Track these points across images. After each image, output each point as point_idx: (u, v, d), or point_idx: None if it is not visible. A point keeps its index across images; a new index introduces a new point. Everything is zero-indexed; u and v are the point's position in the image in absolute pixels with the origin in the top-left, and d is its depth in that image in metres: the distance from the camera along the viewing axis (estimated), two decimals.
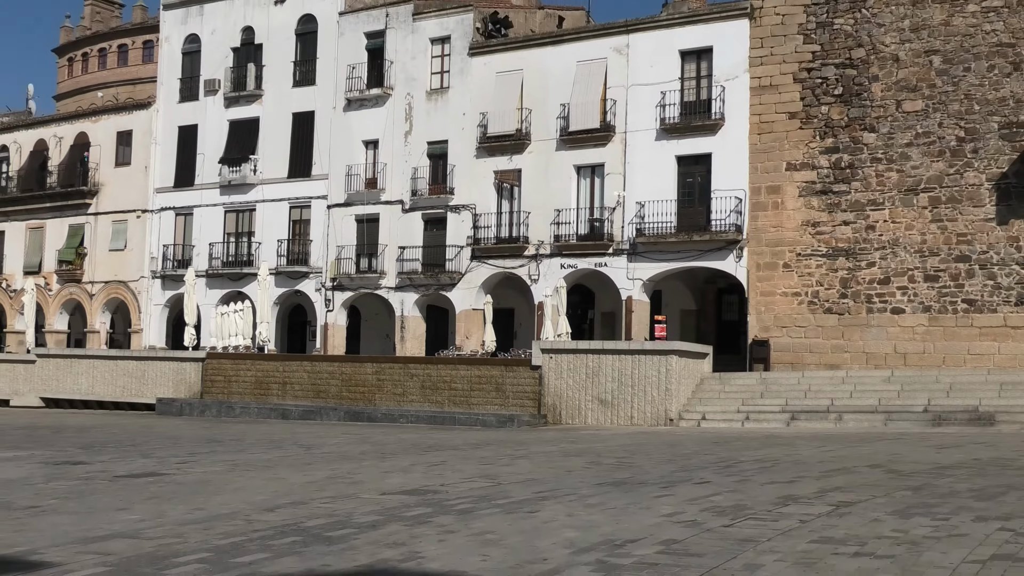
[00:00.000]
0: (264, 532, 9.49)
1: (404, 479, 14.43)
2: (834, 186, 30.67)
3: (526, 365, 28.51)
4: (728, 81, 32.56)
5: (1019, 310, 28.28)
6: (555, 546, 8.62)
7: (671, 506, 11.19)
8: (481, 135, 36.79)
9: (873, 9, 30.64)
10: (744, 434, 23.49)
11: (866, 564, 7.66)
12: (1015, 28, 29.04)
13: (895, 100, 30.18)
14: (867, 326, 29.81)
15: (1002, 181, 28.82)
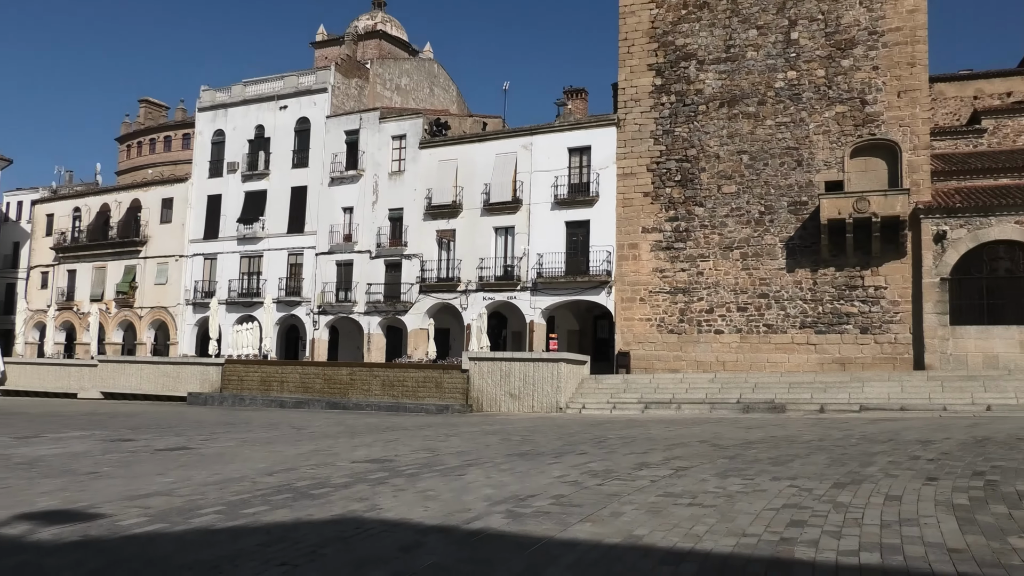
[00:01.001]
0: (264, 491, 9.35)
1: (368, 451, 14.15)
2: (675, 244, 30.89)
3: (458, 369, 28.14)
4: (602, 169, 32.74)
5: (801, 332, 28.70)
6: (477, 500, 8.68)
7: (560, 470, 11.14)
8: (427, 204, 36.48)
9: (702, 121, 31.06)
10: (612, 419, 23.35)
11: (696, 512, 7.91)
12: (798, 137, 29.67)
13: (717, 185, 30.55)
14: (697, 342, 29.97)
15: (790, 242, 29.32)
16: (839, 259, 28.40)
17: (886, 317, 27.73)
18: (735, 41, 30.89)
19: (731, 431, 17.56)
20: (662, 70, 31.89)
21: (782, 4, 30.38)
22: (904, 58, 28.68)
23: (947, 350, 26.47)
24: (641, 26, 32.39)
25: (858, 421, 19.92)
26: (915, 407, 22.35)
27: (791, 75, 30.00)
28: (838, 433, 16.50)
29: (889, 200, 27.06)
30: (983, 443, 13.70)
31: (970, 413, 21.18)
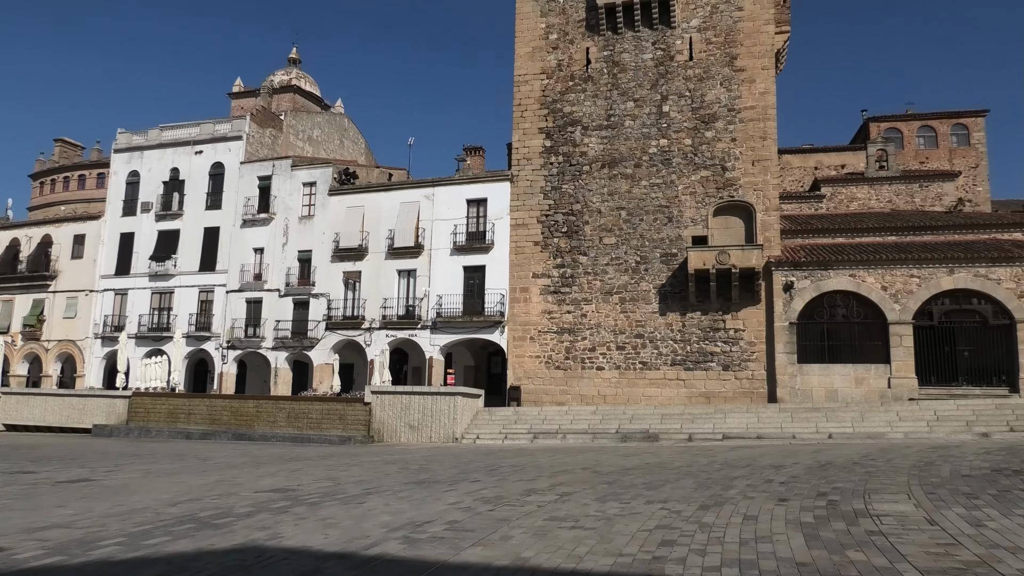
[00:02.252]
0: (167, 521, 8.89)
1: (272, 481, 13.51)
2: (562, 288, 31.30)
3: (360, 402, 27.43)
4: (497, 220, 32.97)
5: (672, 368, 29.44)
6: (375, 527, 8.49)
7: (454, 497, 10.88)
8: (335, 247, 35.71)
9: (586, 180, 31.82)
10: (504, 448, 23.20)
11: (579, 534, 7.97)
12: (669, 197, 30.76)
13: (599, 236, 31.25)
14: (581, 378, 30.30)
15: (662, 288, 30.18)
16: (704, 304, 29.43)
17: (744, 356, 28.82)
18: (615, 111, 31.97)
19: (611, 459, 17.73)
20: (551, 133, 32.62)
21: (655, 81, 31.71)
22: (757, 132, 30.35)
23: (795, 385, 27.71)
24: (533, 94, 33.12)
25: (721, 448, 20.48)
26: (769, 436, 23.19)
27: (663, 142, 31.22)
28: (704, 460, 16.89)
29: (746, 254, 28.34)
30: (826, 467, 14.30)
31: (815, 441, 22.14)
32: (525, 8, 33.76)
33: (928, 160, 44.90)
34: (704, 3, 31.70)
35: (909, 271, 27.60)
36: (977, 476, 12.19)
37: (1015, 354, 26.34)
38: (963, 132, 45.42)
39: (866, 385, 27.07)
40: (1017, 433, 21.76)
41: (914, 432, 22.51)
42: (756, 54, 30.82)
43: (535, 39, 33.43)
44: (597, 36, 32.63)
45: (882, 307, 27.52)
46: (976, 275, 27.12)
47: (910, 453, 16.65)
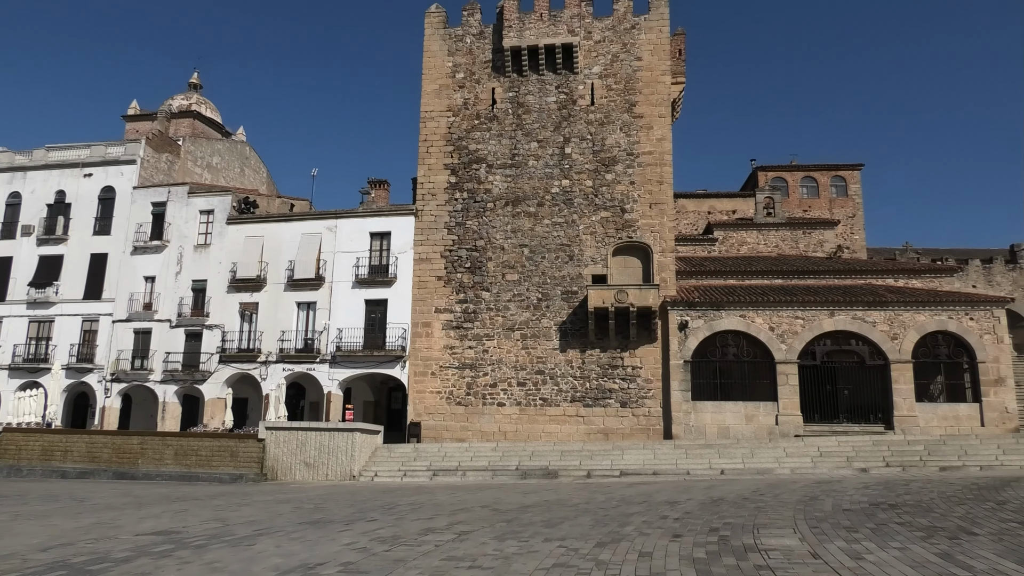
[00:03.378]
0: (36, 568, 8.13)
1: (155, 523, 12.57)
2: (464, 324, 31.06)
3: (254, 438, 26.19)
4: (401, 254, 32.56)
5: (572, 405, 29.57)
6: (265, 570, 8.10)
7: (350, 537, 10.43)
8: (232, 277, 34.35)
9: (490, 217, 31.91)
10: (403, 486, 22.57)
11: (476, 574, 7.91)
12: (570, 236, 31.21)
13: (502, 273, 31.28)
14: (482, 414, 29.99)
15: (563, 325, 30.40)
16: (603, 342, 29.80)
17: (641, 393, 29.26)
18: (519, 151, 32.35)
19: (510, 496, 17.46)
20: (456, 170, 32.64)
21: (558, 123, 32.34)
22: (655, 176, 31.32)
23: (690, 422, 28.29)
24: (439, 131, 33.14)
25: (619, 485, 20.55)
26: (665, 472, 23.51)
27: (565, 183, 31.75)
28: (602, 496, 16.86)
29: (643, 293, 28.96)
30: (718, 503, 14.49)
31: (708, 476, 22.58)
32: (433, 46, 33.91)
33: (811, 209, 47.60)
34: (605, 52, 32.70)
35: (794, 313, 28.86)
36: (857, 510, 12.59)
37: (889, 393, 27.84)
38: (841, 184, 48.50)
39: (756, 422, 27.93)
40: (892, 468, 22.87)
41: (800, 467, 23.31)
42: (654, 102, 31.94)
43: (442, 77, 33.57)
44: (503, 77, 33.07)
45: (770, 347, 28.60)
46: (854, 318, 28.63)
47: (796, 488, 17.14)
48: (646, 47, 32.54)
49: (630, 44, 32.66)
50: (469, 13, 34.09)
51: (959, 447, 24.22)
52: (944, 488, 16.19)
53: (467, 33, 33.91)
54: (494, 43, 33.43)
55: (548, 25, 32.58)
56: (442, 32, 34.05)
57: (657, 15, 32.73)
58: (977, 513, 11.93)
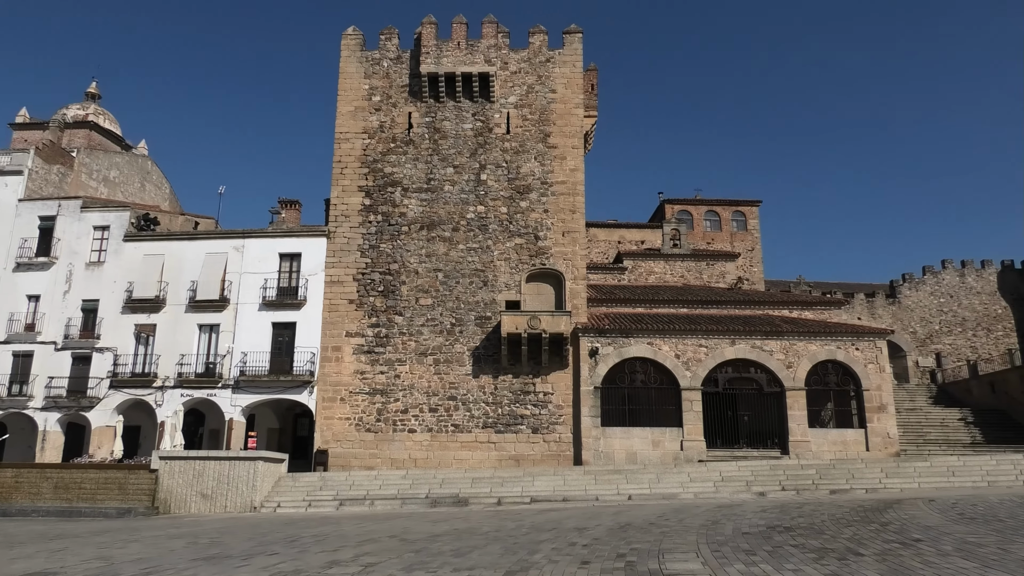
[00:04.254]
0: None
1: (27, 564, 11.88)
2: (375, 348, 30.84)
3: (146, 469, 25.12)
4: (311, 276, 32.08)
5: (484, 431, 29.74)
6: None
7: (248, 573, 10.23)
8: (128, 297, 32.90)
9: (404, 240, 31.94)
10: (307, 517, 22.11)
11: None
12: (485, 261, 31.58)
13: (415, 297, 31.29)
14: (392, 441, 29.76)
15: (476, 351, 30.62)
16: (516, 367, 30.19)
17: (553, 419, 29.74)
18: (435, 175, 32.60)
19: (419, 525, 17.43)
20: (371, 192, 32.56)
21: (475, 150, 32.82)
22: (567, 205, 32.16)
23: (599, 448, 28.94)
24: (354, 152, 33.03)
25: (529, 512, 20.81)
26: (575, 498, 23.93)
27: (480, 209, 32.18)
28: (512, 524, 17.05)
29: (556, 319, 29.57)
30: (625, 528, 14.96)
31: (616, 502, 23.13)
32: (349, 68, 33.87)
33: (714, 241, 49.81)
34: (521, 82, 33.50)
35: (699, 341, 30.08)
36: (755, 533, 13.28)
37: (785, 419, 29.34)
38: (742, 218, 51.01)
39: (662, 447, 28.85)
40: (788, 492, 24.08)
41: (703, 492, 24.21)
42: (567, 133, 32.89)
43: (358, 99, 33.53)
44: (420, 102, 33.34)
45: (676, 374, 29.68)
46: (753, 346, 30.10)
47: (699, 512, 17.84)
48: (560, 80, 33.53)
49: (545, 76, 33.58)
50: (387, 37, 34.27)
51: (847, 471, 25.74)
52: (834, 511, 17.23)
53: (384, 57, 34.06)
54: (411, 68, 33.70)
55: (465, 53, 33.13)
56: (359, 54, 34.07)
57: (571, 50, 33.83)
58: (863, 534, 12.81)
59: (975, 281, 53.10)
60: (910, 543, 11.62)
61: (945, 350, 51.42)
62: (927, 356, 51.28)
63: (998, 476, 25.29)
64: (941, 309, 52.42)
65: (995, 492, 22.27)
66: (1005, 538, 11.90)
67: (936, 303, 52.55)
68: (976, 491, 22.90)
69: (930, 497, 20.65)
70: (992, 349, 51.03)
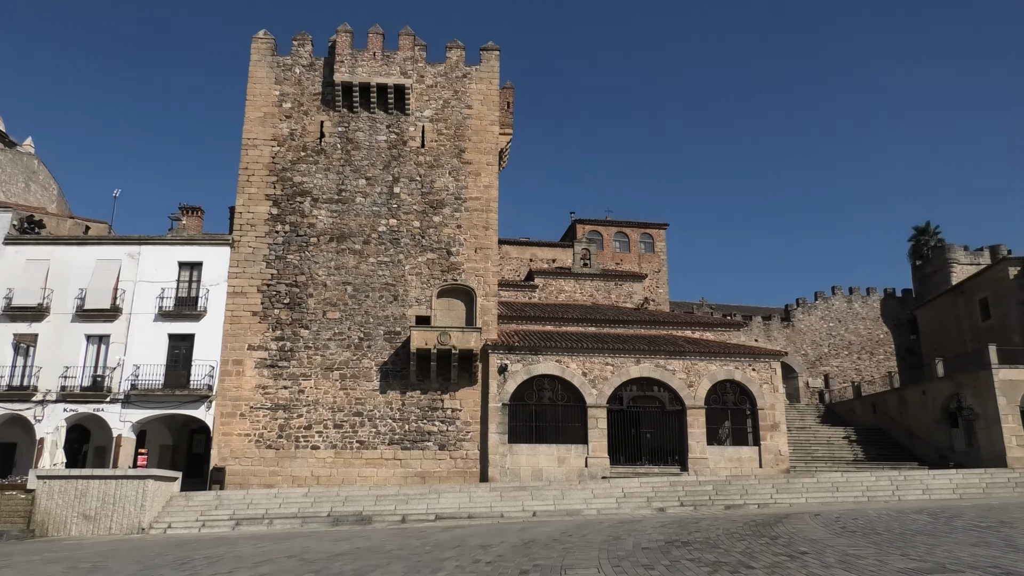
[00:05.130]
0: None
1: None
2: (279, 362, 30.20)
3: (21, 489, 23.61)
4: (213, 286, 31.15)
5: (390, 448, 29.53)
6: None
7: None
8: (6, 305, 30.96)
9: (312, 252, 31.48)
10: (200, 538, 21.38)
11: None
12: (395, 275, 31.50)
13: (323, 310, 30.86)
14: (294, 457, 29.14)
15: (384, 366, 30.44)
16: (424, 383, 30.16)
17: (460, 435, 29.83)
18: (347, 186, 32.34)
19: (320, 544, 17.19)
20: (279, 201, 31.98)
21: (388, 162, 32.77)
22: (481, 222, 32.50)
23: (506, 464, 29.21)
24: (262, 159, 32.38)
25: (434, 529, 20.82)
26: (480, 515, 24.08)
27: (392, 222, 32.10)
28: (416, 541, 17.06)
29: (466, 336, 29.76)
30: (529, 545, 15.24)
31: (521, 519, 23.42)
32: (259, 73, 33.25)
33: (623, 262, 51.25)
34: (437, 97, 33.73)
35: (605, 359, 30.89)
36: (654, 548, 13.81)
37: (685, 436, 30.45)
38: (649, 241, 52.75)
39: (567, 464, 29.39)
40: (686, 507, 24.99)
41: (606, 508, 24.83)
42: (482, 150, 33.30)
43: (268, 105, 32.94)
44: (332, 111, 33.05)
45: (582, 391, 30.36)
46: (657, 365, 31.15)
47: (602, 528, 18.33)
48: (477, 96, 33.95)
49: (461, 92, 33.93)
50: (300, 43, 33.86)
51: (741, 487, 26.95)
52: (728, 525, 18.06)
53: (297, 63, 33.61)
54: (325, 76, 33.39)
55: (381, 65, 33.10)
56: (270, 59, 33.50)
57: (488, 67, 34.33)
58: (755, 548, 13.53)
59: (861, 307, 56.65)
60: (797, 556, 12.36)
61: (833, 372, 54.54)
62: (817, 377, 54.26)
63: (876, 492, 27.06)
64: (830, 333, 55.62)
65: (873, 507, 23.83)
66: (882, 550, 12.82)
67: (826, 327, 55.73)
68: (857, 505, 24.42)
69: (816, 511, 21.89)
70: (874, 371, 54.49)
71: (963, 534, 14.89)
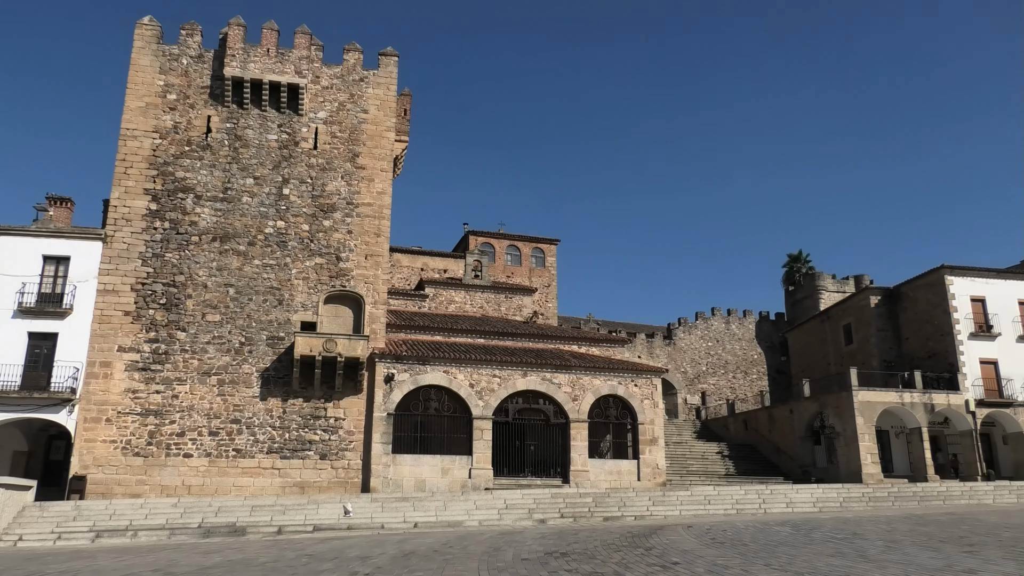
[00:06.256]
0: None
1: None
2: (152, 366, 28.70)
3: None
4: (81, 283, 29.25)
5: (268, 457, 28.58)
6: None
7: None
8: None
9: (193, 251, 30.19)
10: (55, 551, 20.01)
11: None
12: (281, 279, 30.61)
13: (202, 312, 29.61)
14: (165, 466, 27.71)
15: (265, 372, 29.47)
16: (308, 391, 29.40)
17: (343, 445, 29.23)
18: (233, 185, 31.21)
19: (189, 557, 16.45)
20: (159, 197, 30.48)
21: (278, 162, 31.88)
22: (372, 228, 32.10)
23: (389, 475, 28.83)
24: (142, 151, 30.80)
25: (311, 541, 20.30)
26: (360, 526, 23.67)
27: (280, 224, 31.22)
28: (292, 553, 16.60)
29: (353, 343, 29.24)
30: (409, 556, 15.12)
31: (402, 530, 23.20)
32: (143, 61, 31.67)
33: (514, 275, 51.82)
34: (332, 99, 33.15)
35: (492, 371, 31.10)
36: (533, 559, 14.00)
37: (568, 449, 31.03)
38: (540, 255, 53.64)
39: (451, 475, 29.33)
40: (566, 519, 25.45)
41: (487, 520, 24.93)
42: (377, 156, 32.95)
43: (151, 95, 31.40)
44: (221, 106, 31.88)
45: (469, 403, 30.42)
46: (543, 379, 31.64)
47: (483, 540, 18.41)
48: (373, 101, 33.59)
49: (358, 96, 33.49)
50: (188, 33, 32.50)
51: (620, 499, 27.72)
52: (606, 537, 18.54)
53: (184, 53, 32.23)
54: (214, 70, 32.17)
55: (275, 62, 32.23)
56: (155, 47, 31.97)
57: (386, 72, 34.06)
58: (630, 559, 13.95)
59: (738, 328, 59.62)
60: (669, 566, 12.84)
61: (710, 389, 57.07)
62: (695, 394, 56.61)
63: (745, 504, 28.46)
64: (709, 352, 58.23)
65: (742, 519, 25.06)
66: (747, 560, 13.51)
67: (705, 346, 58.30)
68: (727, 518, 25.61)
69: (689, 524, 22.81)
70: (748, 390, 57.42)
71: (821, 545, 15.90)
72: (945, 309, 40.46)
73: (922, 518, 23.48)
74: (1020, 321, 40.58)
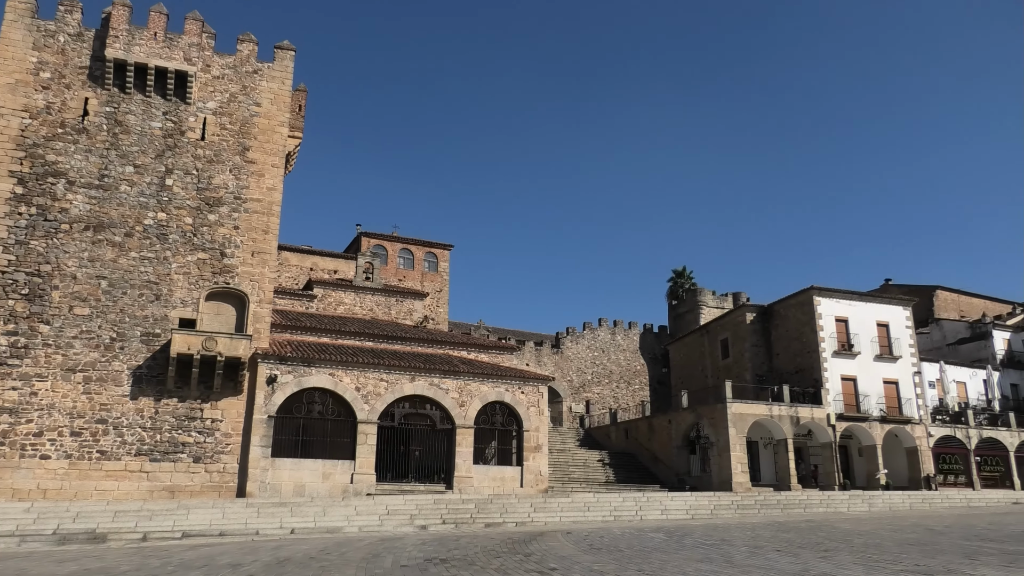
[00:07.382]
0: None
1: None
2: (10, 360, 26.65)
3: None
4: None
5: (136, 459, 27.08)
6: None
7: None
8: None
9: (63, 240, 28.29)
10: None
11: None
12: (160, 273, 29.17)
13: (69, 305, 27.76)
14: (18, 468, 25.74)
15: (138, 370, 27.95)
16: (183, 391, 28.07)
17: (219, 448, 28.05)
18: (111, 172, 29.49)
19: (40, 566, 15.35)
20: (26, 180, 28.40)
21: (161, 151, 30.38)
22: (260, 225, 31.07)
23: (267, 479, 27.89)
24: (9, 131, 28.63)
25: (179, 548, 19.37)
26: (233, 532, 22.75)
27: (161, 216, 29.73)
28: (157, 561, 15.79)
29: (234, 343, 28.16)
30: (284, 563, 14.68)
31: (278, 536, 22.47)
32: (14, 35, 29.49)
33: (406, 279, 51.41)
34: (223, 89, 31.93)
35: (380, 375, 30.70)
36: (413, 566, 13.89)
37: (453, 455, 31.00)
38: (433, 260, 53.47)
39: (332, 480, 28.69)
40: (448, 525, 25.39)
41: (368, 526, 24.53)
42: (268, 151, 31.95)
43: (22, 72, 29.27)
44: (100, 89, 30.09)
45: (354, 406, 29.89)
46: (431, 384, 31.50)
47: (362, 546, 18.11)
48: (267, 95, 32.57)
49: (250, 88, 32.39)
50: (67, 9, 30.50)
51: (502, 505, 27.91)
52: (486, 543, 18.62)
53: (62, 30, 30.22)
54: (95, 50, 30.33)
55: (162, 46, 30.73)
56: (29, 21, 29.82)
57: (281, 66, 33.11)
58: (509, 564, 14.07)
59: (623, 339, 61.40)
60: (547, 572, 13.04)
61: (594, 398, 58.47)
62: (579, 403, 57.85)
63: (623, 511, 29.29)
64: (594, 362, 59.65)
65: (619, 525, 25.76)
66: (622, 565, 13.90)
67: (591, 356, 59.69)
68: (605, 524, 26.26)
69: (568, 530, 23.24)
70: (630, 400, 59.22)
71: (691, 551, 16.56)
72: (813, 328, 43.14)
73: (784, 525, 24.86)
74: (877, 341, 43.79)
